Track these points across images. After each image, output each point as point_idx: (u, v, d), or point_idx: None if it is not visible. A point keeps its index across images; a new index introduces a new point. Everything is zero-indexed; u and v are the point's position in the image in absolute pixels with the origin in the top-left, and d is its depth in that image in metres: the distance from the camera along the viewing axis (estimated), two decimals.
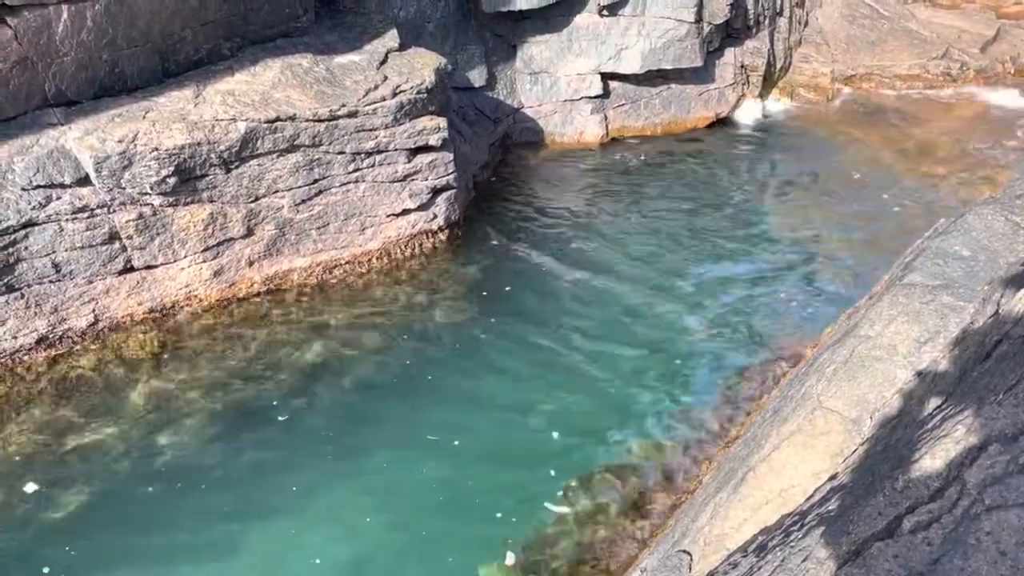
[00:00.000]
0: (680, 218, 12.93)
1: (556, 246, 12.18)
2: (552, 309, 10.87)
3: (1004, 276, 6.20)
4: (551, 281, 11.47)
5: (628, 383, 9.65)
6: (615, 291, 11.25)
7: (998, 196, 8.44)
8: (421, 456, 8.65)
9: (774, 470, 5.97)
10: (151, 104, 9.33)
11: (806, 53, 16.28)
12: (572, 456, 8.77)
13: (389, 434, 8.92)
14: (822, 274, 11.57)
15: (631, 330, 10.55)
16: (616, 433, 9.00)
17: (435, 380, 9.70)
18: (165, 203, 9.31)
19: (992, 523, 2.80)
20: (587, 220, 12.89)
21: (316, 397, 9.34)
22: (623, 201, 13.36)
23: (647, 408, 9.30)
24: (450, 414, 9.22)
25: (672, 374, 9.78)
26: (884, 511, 3.23)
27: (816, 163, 14.33)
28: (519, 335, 10.39)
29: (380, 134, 10.26)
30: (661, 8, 13.82)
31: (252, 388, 9.36)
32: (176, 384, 9.36)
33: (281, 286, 10.39)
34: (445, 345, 10.27)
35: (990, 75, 15.60)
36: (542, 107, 14.33)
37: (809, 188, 13.73)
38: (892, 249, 10.81)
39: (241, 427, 8.87)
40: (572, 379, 9.81)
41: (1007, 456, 3.05)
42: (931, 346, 6.24)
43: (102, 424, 8.90)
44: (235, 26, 10.46)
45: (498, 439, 8.98)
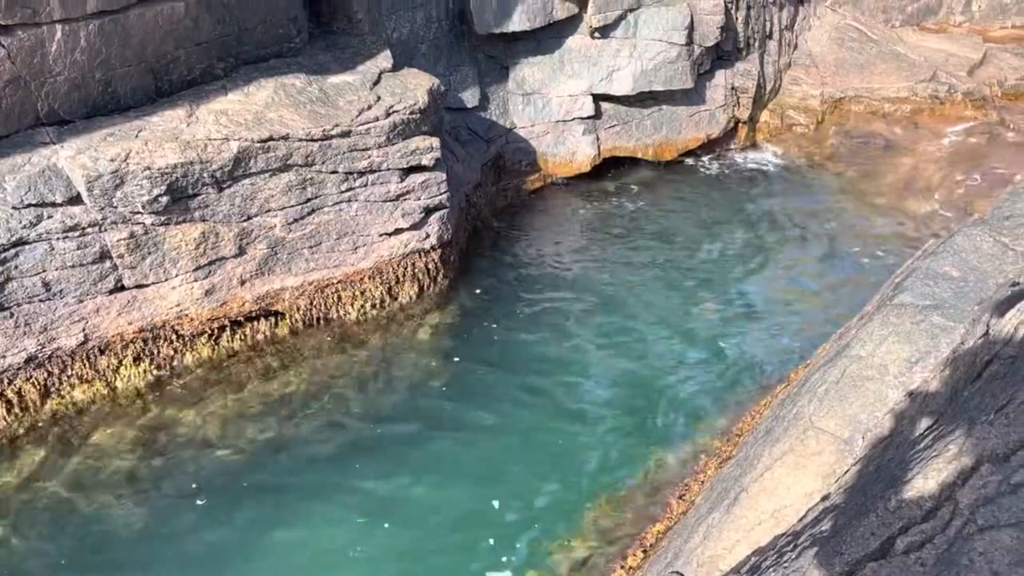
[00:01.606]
0: (658, 268, 13.00)
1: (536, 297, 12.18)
2: (523, 362, 10.76)
3: (993, 297, 6.24)
4: (526, 336, 11.38)
5: (588, 444, 9.49)
6: (581, 344, 11.19)
7: (986, 217, 8.51)
8: (357, 528, 8.52)
9: (767, 490, 5.96)
10: (144, 123, 9.34)
11: (796, 76, 16.43)
12: (516, 526, 8.62)
13: (324, 507, 8.75)
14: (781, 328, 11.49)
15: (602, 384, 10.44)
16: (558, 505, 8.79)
17: (388, 445, 9.57)
18: (157, 222, 9.29)
19: (985, 543, 2.80)
20: (566, 262, 12.93)
21: (254, 469, 9.18)
22: (601, 241, 13.41)
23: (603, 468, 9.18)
24: (390, 484, 9.10)
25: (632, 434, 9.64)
26: (877, 531, 3.22)
27: (798, 200, 14.46)
28: (486, 389, 10.23)
29: (373, 154, 10.29)
30: (652, 31, 13.94)
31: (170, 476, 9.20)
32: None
33: (272, 305, 10.36)
34: (402, 406, 10.20)
35: (977, 98, 15.76)
36: (535, 128, 14.40)
37: (786, 229, 13.75)
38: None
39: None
40: (530, 442, 9.70)
41: (999, 476, 3.06)
42: (922, 366, 6.27)
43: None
44: (229, 46, 10.50)
45: (436, 507, 8.85)
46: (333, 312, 10.75)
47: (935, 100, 15.76)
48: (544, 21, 13.52)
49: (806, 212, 14.33)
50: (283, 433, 9.71)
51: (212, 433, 9.69)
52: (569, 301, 12.24)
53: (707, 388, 10.40)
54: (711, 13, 14.19)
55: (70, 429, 9.44)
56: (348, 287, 10.78)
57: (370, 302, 10.92)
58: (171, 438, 9.56)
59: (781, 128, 15.96)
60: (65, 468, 9.09)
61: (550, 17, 13.55)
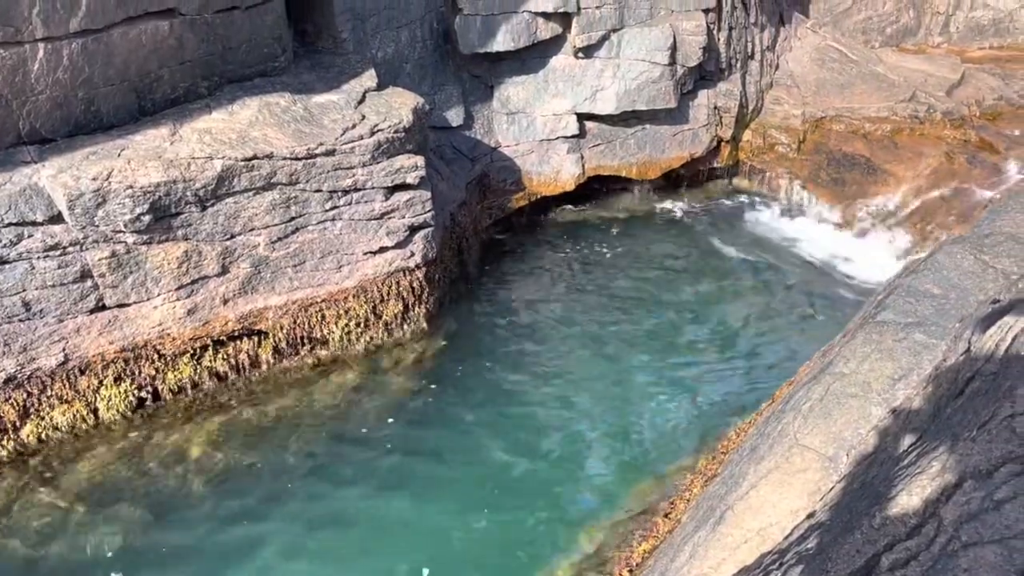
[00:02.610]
0: (641, 291, 13.09)
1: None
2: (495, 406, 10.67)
3: (974, 314, 6.29)
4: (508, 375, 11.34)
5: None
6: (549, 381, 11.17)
7: (967, 235, 8.60)
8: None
9: (752, 508, 5.94)
10: (127, 142, 9.29)
11: (777, 96, 16.59)
12: (501, 549, 8.56)
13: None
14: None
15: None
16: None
17: (370, 472, 9.52)
18: (139, 241, 9.23)
19: (969, 560, 2.80)
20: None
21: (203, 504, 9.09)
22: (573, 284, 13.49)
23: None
24: (373, 511, 9.03)
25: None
26: (862, 549, 3.22)
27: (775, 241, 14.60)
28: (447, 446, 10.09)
29: (358, 172, 10.28)
30: (635, 51, 14.05)
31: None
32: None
33: (255, 324, 10.30)
34: (384, 432, 10.17)
35: (956, 118, 15.97)
36: (519, 146, 14.45)
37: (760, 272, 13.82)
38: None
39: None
40: (512, 466, 9.67)
41: (982, 492, 3.06)
42: (905, 383, 6.29)
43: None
44: (213, 65, 10.50)
45: (420, 531, 8.78)
46: (317, 331, 10.69)
47: (915, 120, 15.95)
48: (528, 41, 13.60)
49: (784, 241, 14.51)
50: (261, 458, 9.70)
51: (191, 456, 9.64)
52: (553, 326, 12.35)
53: (689, 412, 10.46)
54: (693, 34, 14.33)
55: (51, 452, 9.35)
56: (332, 306, 10.73)
57: (354, 321, 10.87)
58: (150, 460, 9.50)
59: (763, 147, 16.09)
60: (45, 486, 9.00)
61: (534, 37, 13.63)
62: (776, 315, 12.53)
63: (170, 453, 9.57)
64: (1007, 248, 7.86)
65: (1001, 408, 3.52)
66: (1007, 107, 16.50)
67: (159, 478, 9.27)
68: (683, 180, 16.23)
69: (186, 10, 9.89)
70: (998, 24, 19.85)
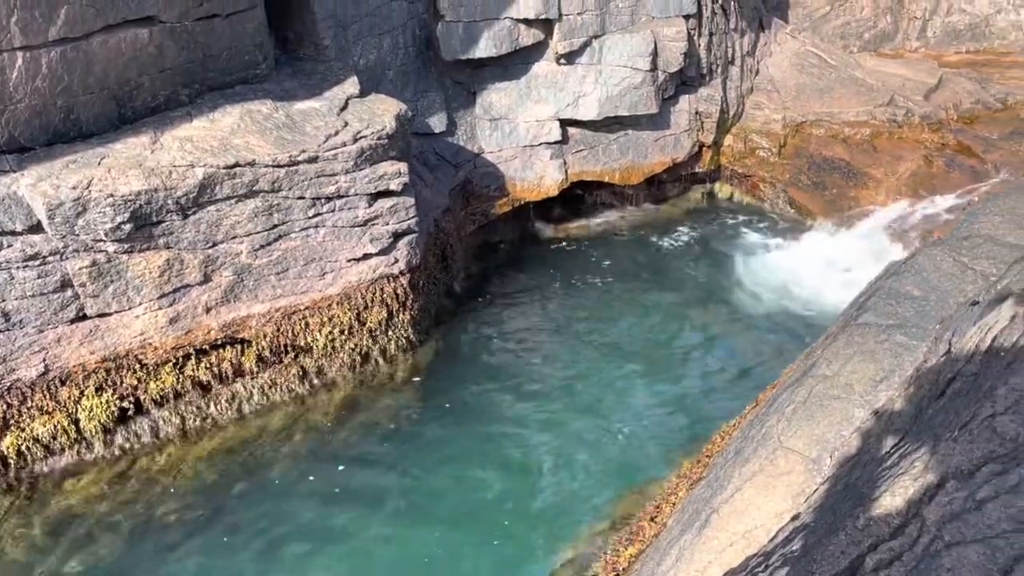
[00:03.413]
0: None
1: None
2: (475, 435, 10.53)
3: (954, 315, 6.36)
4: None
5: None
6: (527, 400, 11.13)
7: (946, 238, 8.70)
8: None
9: (737, 511, 5.97)
10: (107, 150, 9.22)
11: (758, 100, 16.71)
12: (489, 559, 8.56)
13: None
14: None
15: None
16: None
17: (354, 488, 9.49)
18: (120, 250, 9.15)
19: (952, 560, 2.82)
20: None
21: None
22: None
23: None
24: (357, 525, 9.01)
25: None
26: (847, 550, 3.24)
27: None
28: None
29: (341, 179, 10.25)
30: (617, 57, 14.11)
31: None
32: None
33: (238, 333, 10.24)
34: (368, 447, 10.16)
35: (934, 122, 16.14)
36: (502, 152, 14.47)
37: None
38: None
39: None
40: (497, 475, 9.65)
41: (964, 492, 3.09)
42: (887, 385, 6.35)
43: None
44: (193, 73, 10.44)
45: (409, 545, 8.74)
46: (301, 339, 10.64)
47: (893, 124, 16.11)
48: (510, 47, 13.64)
49: (769, 248, 14.64)
50: (243, 472, 9.68)
51: (173, 469, 9.60)
52: (537, 331, 12.39)
53: (673, 418, 10.52)
54: (674, 40, 14.41)
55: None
56: (316, 313, 10.69)
57: (338, 328, 10.83)
58: (131, 473, 9.48)
59: (745, 152, 16.20)
60: (25, 501, 8.91)
61: (516, 44, 13.67)
62: (757, 321, 12.61)
63: (154, 472, 9.54)
64: (985, 250, 7.96)
65: (982, 408, 3.56)
66: (984, 110, 16.69)
67: (144, 498, 9.21)
68: (665, 185, 16.32)
69: (166, 18, 9.84)
70: (974, 29, 20.10)
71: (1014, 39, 19.91)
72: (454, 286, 13.34)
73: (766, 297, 13.20)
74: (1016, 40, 19.87)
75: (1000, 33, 20.02)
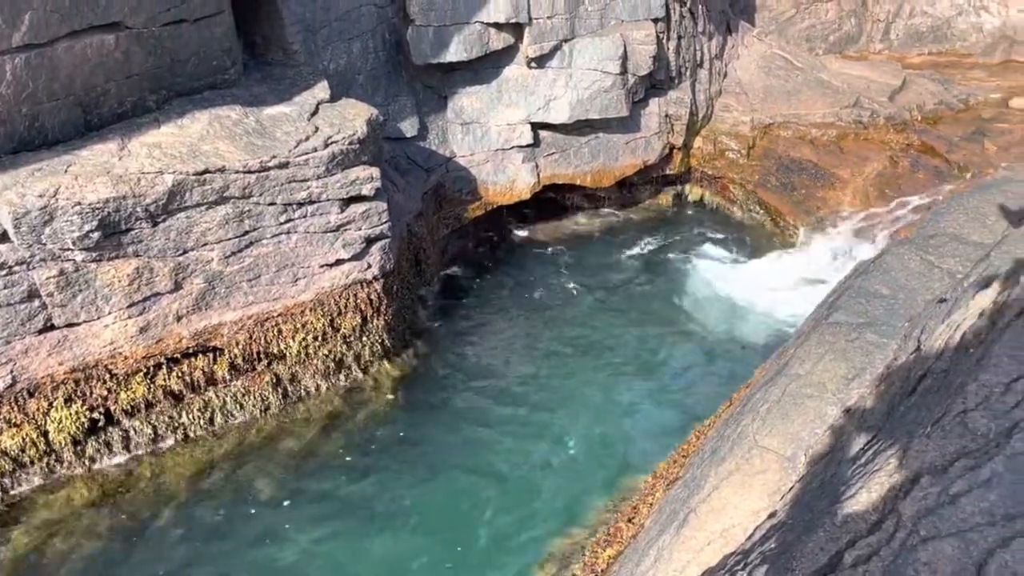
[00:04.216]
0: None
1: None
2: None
3: (923, 313, 6.47)
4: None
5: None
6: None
7: (912, 237, 8.84)
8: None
9: (715, 511, 6.02)
10: (73, 158, 9.09)
11: (727, 103, 16.88)
12: (467, 564, 8.58)
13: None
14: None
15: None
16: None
17: (331, 496, 9.43)
18: (88, 258, 9.02)
19: (928, 554, 2.87)
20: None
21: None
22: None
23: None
24: (338, 533, 8.98)
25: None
26: (825, 546, 3.28)
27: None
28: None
29: (312, 185, 10.19)
30: (587, 60, 14.18)
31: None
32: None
33: (210, 341, 10.13)
34: (349, 455, 10.12)
35: (898, 122, 16.42)
36: (474, 156, 14.47)
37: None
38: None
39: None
40: (476, 480, 9.63)
41: (938, 487, 3.15)
42: (859, 383, 6.44)
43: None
44: (161, 78, 10.33)
45: (391, 550, 8.70)
46: (274, 346, 10.55)
47: (859, 125, 16.35)
48: (481, 51, 13.65)
49: (737, 253, 14.75)
50: (217, 481, 9.59)
51: (146, 479, 9.47)
52: (511, 336, 12.41)
53: (649, 421, 10.58)
54: (643, 43, 14.51)
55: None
56: (289, 320, 10.61)
57: (312, 335, 10.75)
58: (103, 485, 9.33)
59: (714, 154, 16.36)
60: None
61: (487, 47, 13.68)
62: (729, 326, 12.72)
63: (126, 483, 9.41)
64: (951, 248, 8.10)
65: (953, 404, 3.62)
66: (947, 111, 17.02)
67: (110, 499, 9.08)
68: (636, 187, 16.42)
69: (132, 23, 9.73)
70: (936, 31, 20.49)
71: (975, 41, 20.33)
72: (428, 291, 13.32)
73: (736, 299, 13.32)
74: (977, 42, 20.29)
75: (961, 35, 20.43)
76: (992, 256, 6.41)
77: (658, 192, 16.70)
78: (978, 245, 7.94)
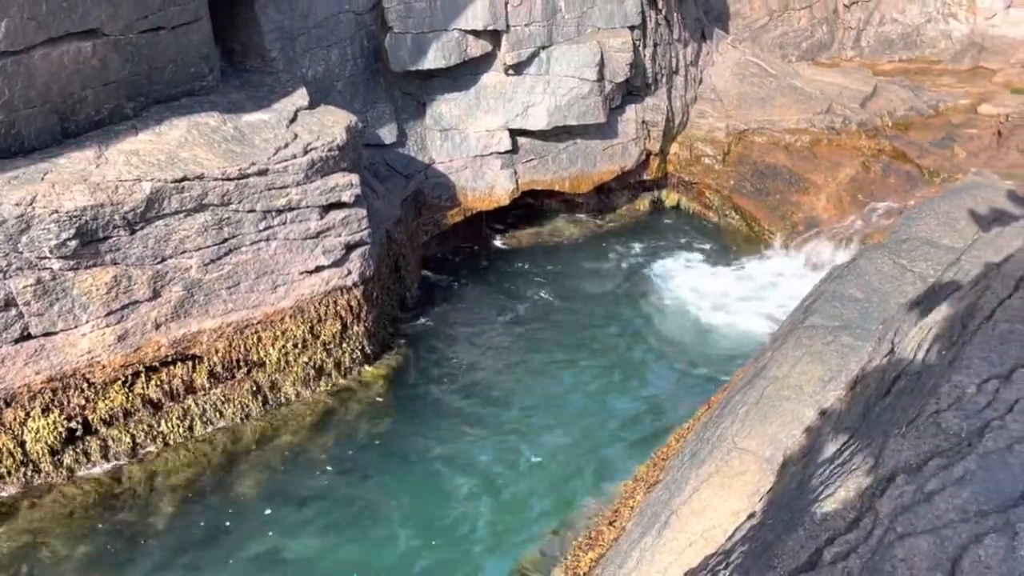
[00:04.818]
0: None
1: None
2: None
3: (896, 316, 6.61)
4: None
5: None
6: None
7: (885, 241, 9.02)
8: None
9: (695, 512, 6.11)
10: (50, 166, 9.03)
11: (702, 109, 17.08)
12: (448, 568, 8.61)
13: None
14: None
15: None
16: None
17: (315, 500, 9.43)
18: (65, 267, 8.96)
19: (905, 550, 2.96)
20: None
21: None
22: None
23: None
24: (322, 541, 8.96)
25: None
26: (805, 544, 3.37)
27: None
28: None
29: (292, 191, 10.19)
30: (564, 67, 14.29)
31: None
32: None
33: (189, 349, 10.08)
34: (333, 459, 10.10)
35: (870, 129, 16.69)
36: (453, 163, 14.52)
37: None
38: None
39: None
40: (457, 484, 9.65)
41: (914, 485, 3.24)
42: (835, 385, 6.56)
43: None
44: (138, 86, 10.29)
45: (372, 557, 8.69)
46: (253, 354, 10.52)
47: (832, 131, 16.60)
48: (459, 59, 13.71)
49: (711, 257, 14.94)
50: (197, 490, 9.54)
51: (125, 488, 9.42)
52: (491, 340, 12.47)
53: (629, 424, 10.67)
54: (620, 50, 14.65)
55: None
56: (268, 327, 10.58)
57: (292, 342, 10.74)
58: (82, 494, 9.26)
59: (691, 160, 16.53)
60: None
61: (465, 55, 13.75)
62: (705, 330, 12.86)
63: (106, 492, 9.34)
64: (923, 252, 8.27)
65: (927, 405, 3.73)
66: (917, 117, 17.32)
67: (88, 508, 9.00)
68: (614, 193, 16.55)
69: (110, 31, 9.69)
70: (906, 38, 20.85)
71: (944, 47, 20.70)
72: (408, 297, 13.34)
73: (712, 303, 13.47)
74: (946, 48, 20.67)
75: (930, 42, 20.80)
76: (963, 260, 6.57)
77: (635, 198, 16.84)
78: (949, 249, 8.12)
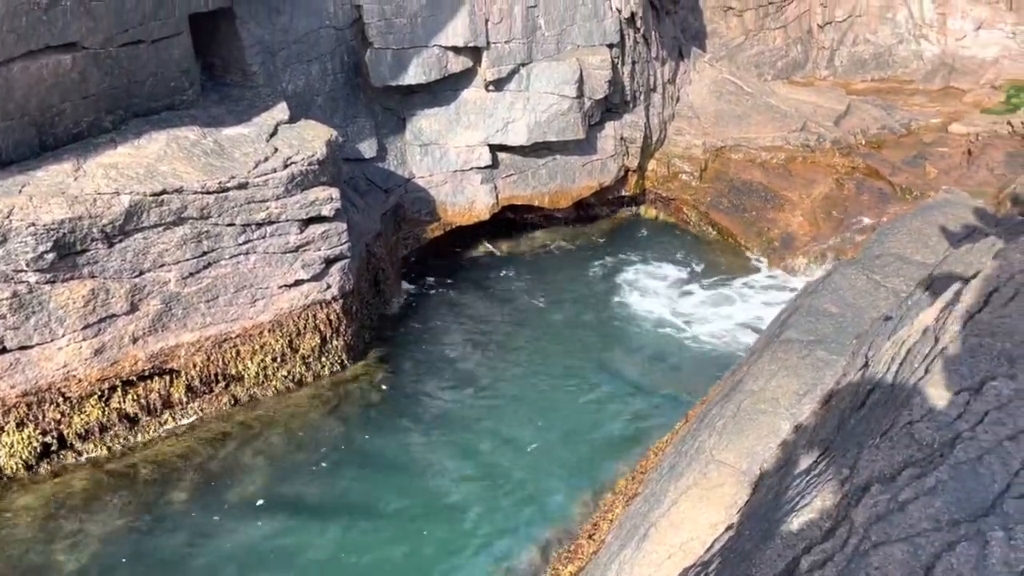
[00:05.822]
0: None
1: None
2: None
3: (870, 331, 6.73)
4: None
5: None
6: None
7: (858, 257, 9.17)
8: None
9: (674, 524, 6.16)
10: (28, 178, 8.98)
11: (679, 126, 17.27)
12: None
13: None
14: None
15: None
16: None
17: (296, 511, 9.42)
18: (42, 280, 8.90)
19: (880, 558, 3.03)
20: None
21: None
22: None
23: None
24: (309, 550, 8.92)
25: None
26: (783, 553, 3.43)
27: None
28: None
29: (271, 205, 10.20)
30: (544, 84, 14.43)
31: None
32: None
33: (167, 363, 10.02)
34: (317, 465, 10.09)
35: (844, 146, 16.96)
36: (433, 177, 14.57)
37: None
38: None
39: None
40: (436, 499, 9.63)
41: (888, 495, 3.32)
42: (810, 398, 6.66)
43: None
44: (118, 99, 10.27)
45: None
46: (232, 368, 10.47)
47: (806, 148, 16.85)
48: (439, 74, 13.80)
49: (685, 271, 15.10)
50: (177, 504, 9.46)
51: (102, 502, 9.30)
52: (470, 351, 12.49)
53: (609, 436, 10.71)
54: (599, 68, 14.81)
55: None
56: (247, 341, 10.55)
57: (270, 356, 10.71)
58: (59, 508, 9.12)
59: (668, 176, 16.70)
60: None
61: (445, 70, 13.84)
62: (682, 344, 12.96)
63: (82, 507, 9.20)
64: (895, 268, 8.42)
65: (900, 416, 3.82)
66: (889, 135, 17.63)
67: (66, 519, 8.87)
68: (593, 208, 16.67)
69: (89, 44, 9.68)
70: (878, 58, 21.23)
71: (915, 67, 21.10)
72: (388, 311, 13.32)
73: (689, 317, 13.58)
74: (917, 68, 21.06)
75: (902, 62, 21.19)
76: (934, 275, 6.71)
77: (614, 213, 16.97)
78: (921, 264, 8.27)
